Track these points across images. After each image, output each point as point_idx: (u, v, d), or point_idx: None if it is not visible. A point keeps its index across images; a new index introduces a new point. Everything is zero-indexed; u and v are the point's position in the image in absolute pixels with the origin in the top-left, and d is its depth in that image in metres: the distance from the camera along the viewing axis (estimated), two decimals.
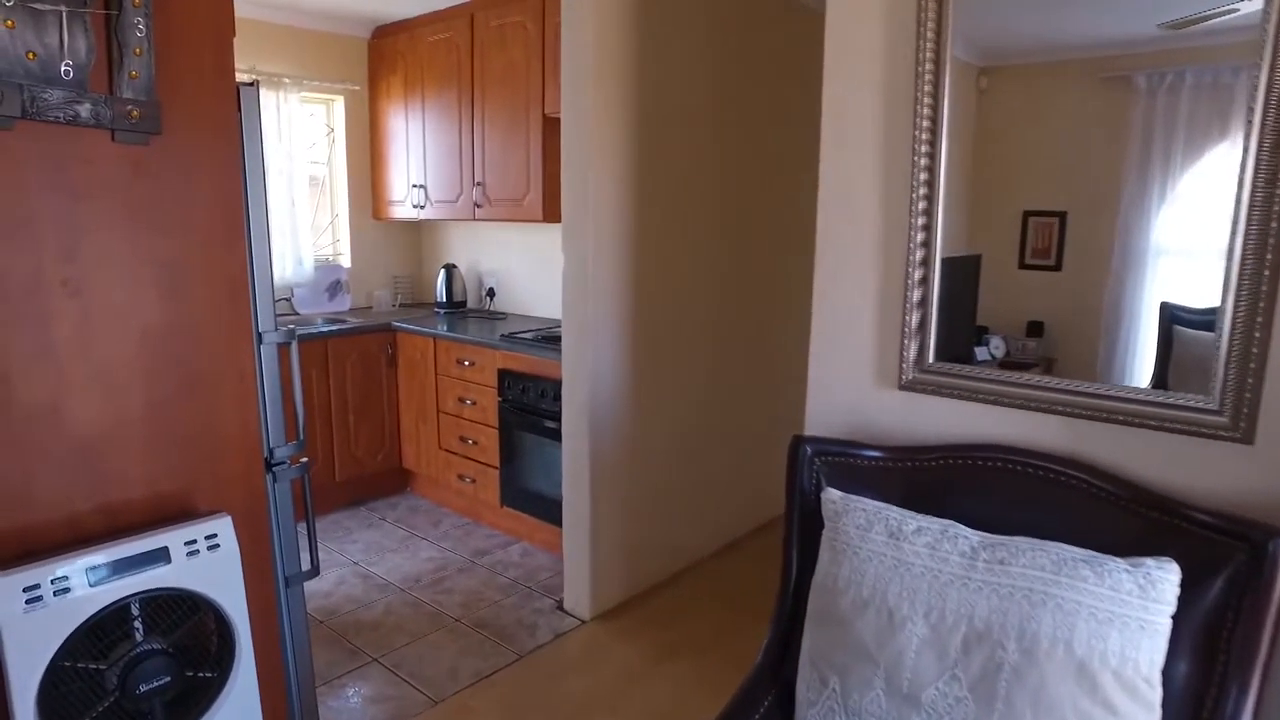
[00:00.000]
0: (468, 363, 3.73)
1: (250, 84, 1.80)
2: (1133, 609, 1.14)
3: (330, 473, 3.91)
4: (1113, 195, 1.48)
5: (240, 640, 1.69)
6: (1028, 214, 1.56)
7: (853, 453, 1.63)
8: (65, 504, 1.56)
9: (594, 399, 2.87)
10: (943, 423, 1.70)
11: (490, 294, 4.51)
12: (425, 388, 3.99)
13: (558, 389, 3.18)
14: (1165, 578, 1.16)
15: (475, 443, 3.78)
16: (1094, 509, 1.36)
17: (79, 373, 1.55)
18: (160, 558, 1.57)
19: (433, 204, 4.23)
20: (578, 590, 3.00)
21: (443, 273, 4.51)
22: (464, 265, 4.67)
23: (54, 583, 1.44)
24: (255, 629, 1.80)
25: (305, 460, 2.01)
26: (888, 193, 1.75)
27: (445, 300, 4.49)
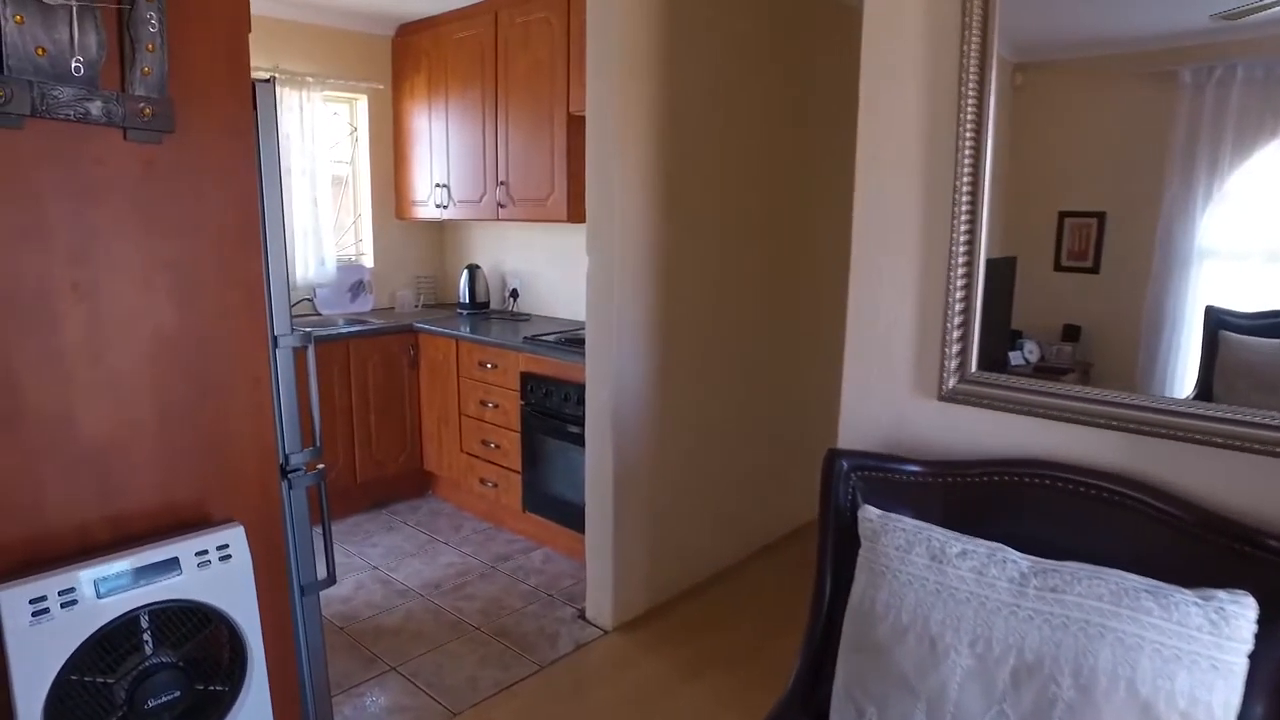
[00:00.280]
0: (490, 365, 3.68)
1: (266, 80, 1.75)
2: (1203, 646, 1.05)
3: (351, 475, 3.88)
4: (1154, 195, 1.41)
5: (252, 653, 1.64)
6: (1064, 215, 1.50)
7: (890, 467, 1.55)
8: (74, 513, 1.52)
9: (618, 403, 2.80)
10: (986, 436, 1.60)
11: (514, 295, 4.46)
12: (447, 390, 3.95)
13: (581, 392, 3.11)
14: (1240, 613, 1.07)
15: (497, 446, 3.72)
16: (1155, 533, 1.27)
17: (89, 378, 1.51)
18: (170, 568, 1.53)
19: (456, 204, 4.18)
20: (600, 599, 2.93)
21: (466, 273, 4.47)
22: (487, 266, 4.62)
23: (61, 594, 1.40)
24: (269, 640, 1.75)
25: (321, 467, 1.96)
26: (929, 192, 1.66)
27: (468, 301, 4.45)
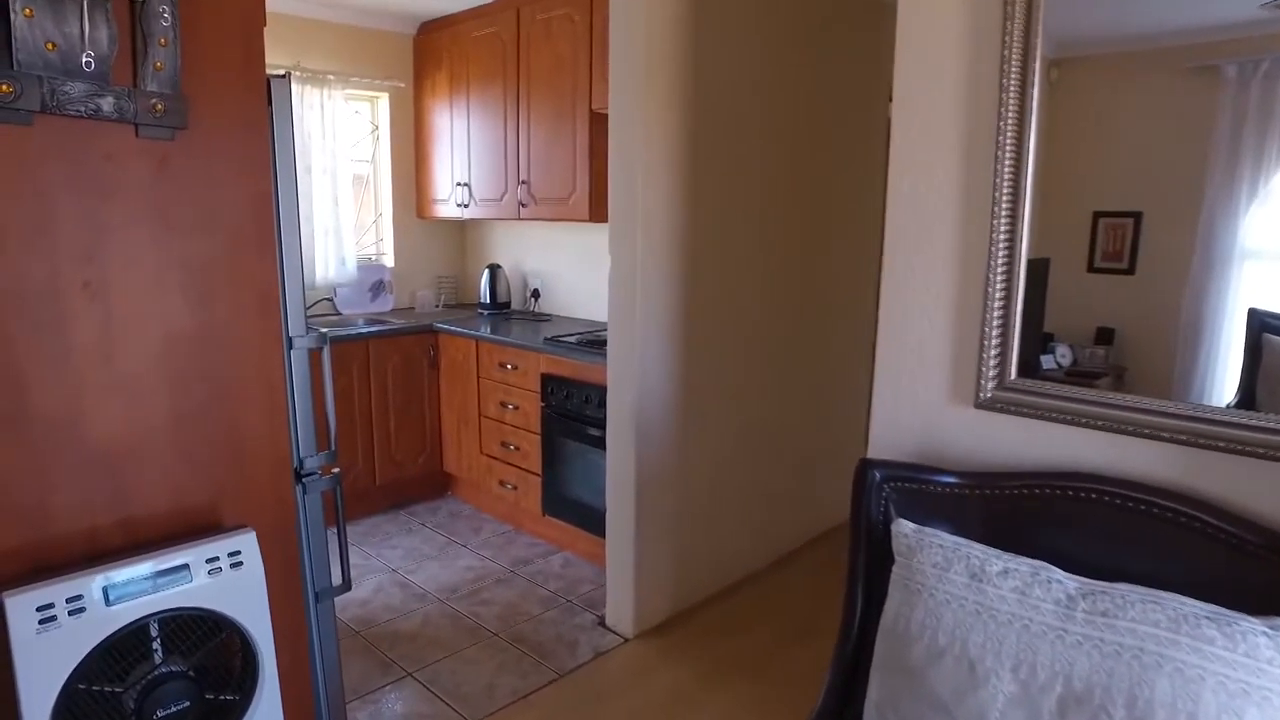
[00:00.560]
0: (510, 366, 3.64)
1: (281, 76, 1.71)
2: (1274, 680, 0.97)
3: (370, 476, 3.85)
4: (1194, 194, 1.36)
5: (264, 662, 1.60)
6: (1098, 214, 1.45)
7: (925, 478, 1.47)
8: (85, 517, 1.49)
9: (640, 406, 2.74)
10: (1027, 446, 1.53)
11: (535, 295, 4.41)
12: (467, 390, 3.91)
13: (602, 395, 3.06)
14: None
15: (517, 448, 3.68)
16: (1213, 554, 1.19)
17: (100, 380, 1.48)
18: (181, 575, 1.49)
19: (477, 202, 4.15)
20: (621, 606, 2.88)
21: (486, 273, 4.43)
22: (508, 265, 4.58)
23: (69, 602, 1.37)
24: (283, 647, 1.72)
25: (337, 470, 1.92)
26: (966, 192, 1.59)
27: (489, 301, 4.41)
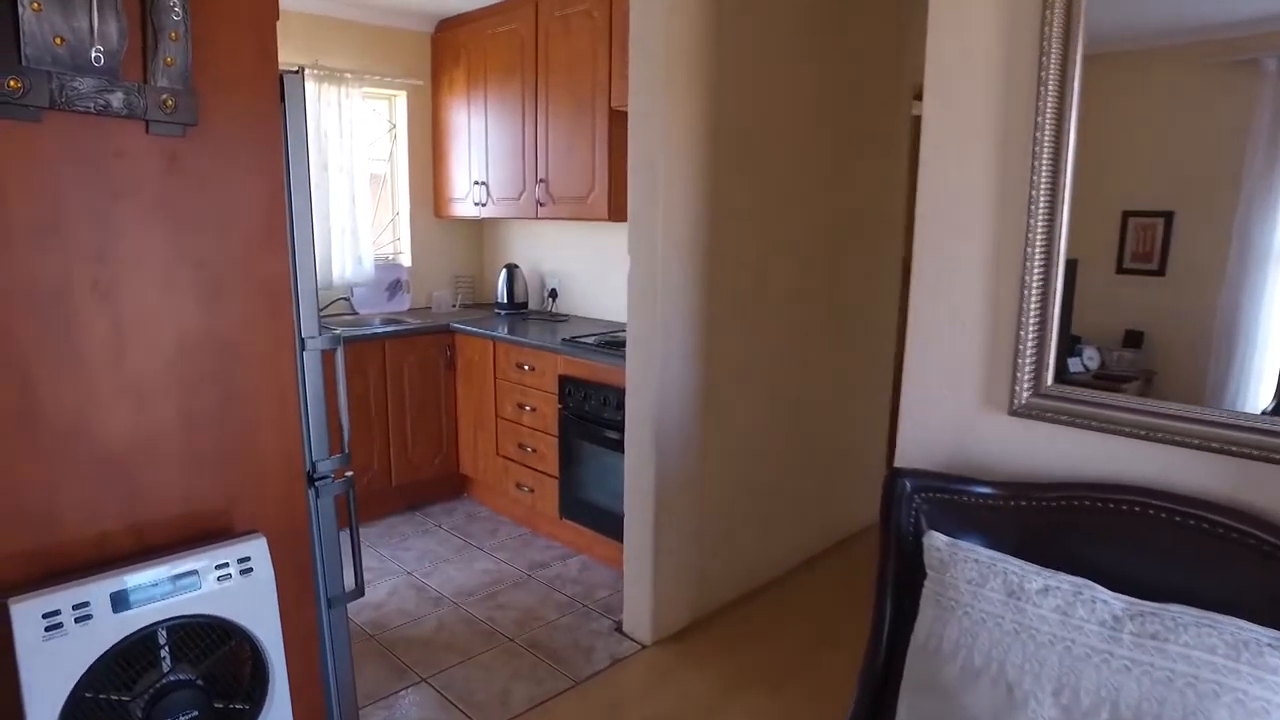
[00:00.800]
0: (527, 367, 3.60)
1: (295, 72, 1.68)
2: None
3: (386, 477, 3.83)
4: (1230, 192, 1.31)
5: (274, 670, 1.57)
6: (1128, 214, 1.42)
7: (958, 488, 1.41)
8: (93, 522, 1.46)
9: (660, 408, 2.69)
10: (1064, 456, 1.46)
11: (553, 295, 4.37)
12: (484, 392, 3.88)
13: (621, 397, 3.01)
14: None
15: (534, 450, 3.64)
16: (1272, 575, 1.12)
17: (109, 381, 1.45)
18: (190, 582, 1.46)
19: (494, 201, 4.11)
20: (638, 612, 2.83)
21: (504, 272, 4.39)
22: (526, 265, 4.55)
23: (75, 609, 1.34)
24: (294, 654, 1.68)
25: (350, 474, 1.89)
26: (1002, 187, 1.53)
27: (506, 301, 4.38)
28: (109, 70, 1.36)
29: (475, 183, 4.21)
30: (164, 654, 1.44)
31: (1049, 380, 1.50)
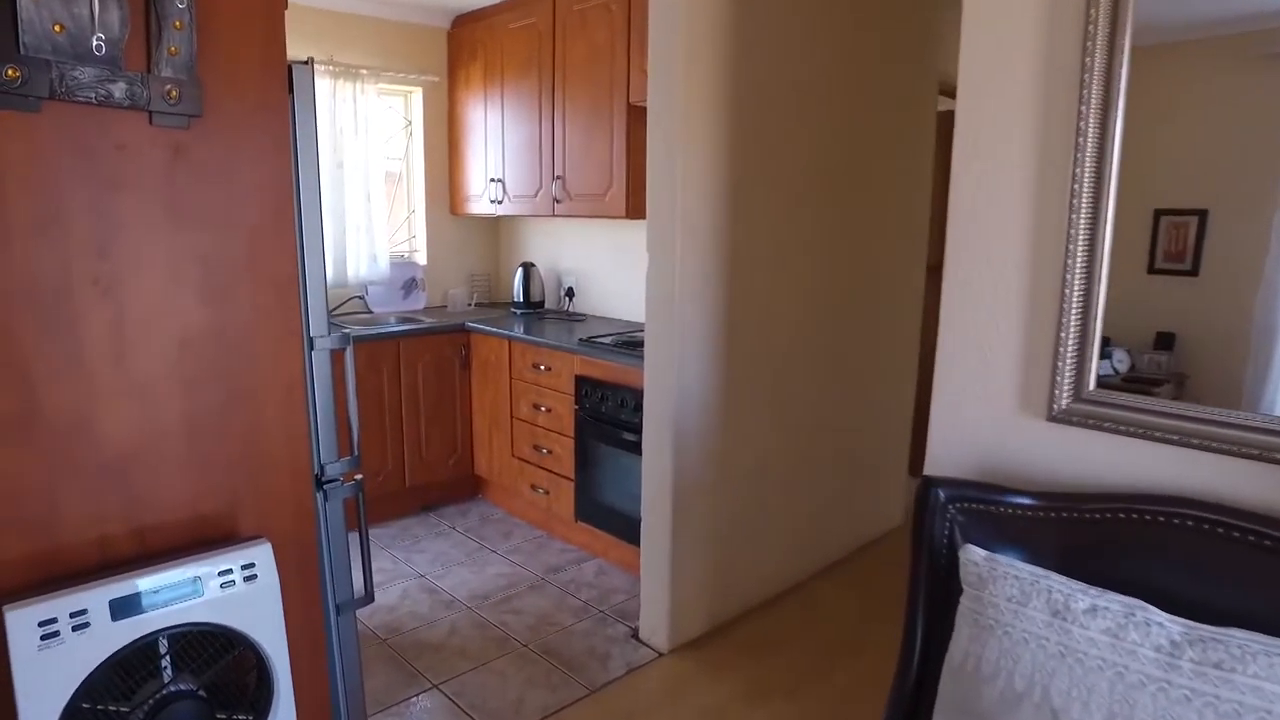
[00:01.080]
0: (543, 367, 3.54)
1: (304, 62, 1.63)
2: None
3: (400, 478, 3.78)
4: (1268, 190, 1.27)
5: (279, 680, 1.52)
6: (1159, 212, 1.37)
7: (995, 499, 1.33)
8: (94, 525, 1.42)
9: (678, 410, 2.62)
10: (1109, 464, 1.38)
11: (569, 294, 4.32)
12: (499, 392, 3.83)
13: (638, 398, 2.94)
14: None
15: (550, 452, 3.58)
16: None
17: (111, 381, 1.40)
18: (191, 589, 1.41)
19: (511, 199, 4.06)
20: (655, 619, 2.76)
21: (520, 271, 4.34)
22: (542, 263, 4.49)
23: (73, 616, 1.30)
24: (301, 662, 1.63)
25: (359, 477, 1.84)
26: (1041, 183, 1.45)
27: (523, 300, 4.33)
28: (110, 59, 1.31)
29: (491, 180, 4.16)
30: (165, 663, 1.39)
31: (1091, 385, 1.42)
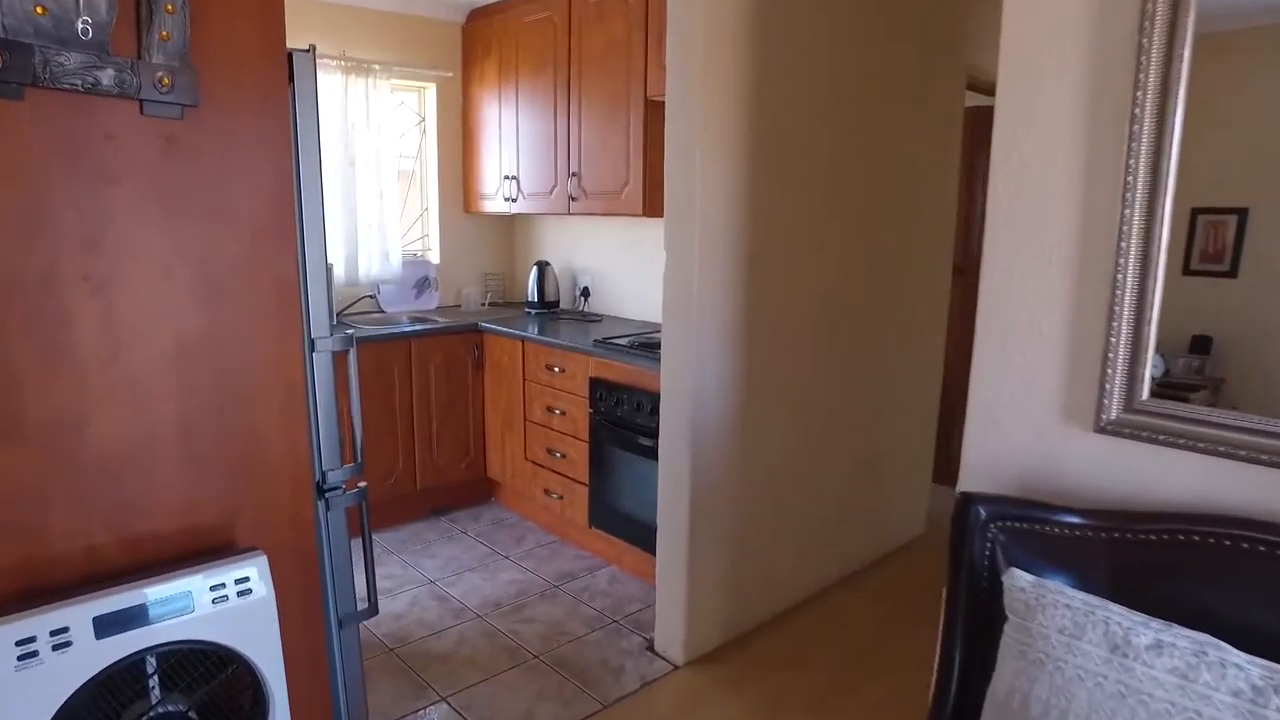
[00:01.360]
0: (558, 369, 3.46)
1: (305, 50, 1.55)
2: None
3: (411, 480, 3.71)
4: None
5: (275, 699, 1.44)
6: (1197, 211, 1.30)
7: (1040, 516, 1.23)
8: (83, 534, 1.35)
9: (695, 414, 2.53)
10: (1166, 481, 1.28)
11: (584, 294, 4.23)
12: (513, 394, 3.75)
13: (654, 402, 2.85)
14: None
15: (563, 456, 3.50)
16: None
17: (101, 383, 1.34)
18: (181, 605, 1.34)
19: (525, 196, 3.98)
20: (671, 630, 2.67)
21: (534, 270, 4.26)
22: (557, 262, 4.41)
23: (54, 635, 1.22)
24: (300, 678, 1.56)
25: (363, 485, 1.76)
26: (1090, 179, 1.35)
27: (537, 300, 4.25)
28: (97, 44, 1.24)
29: (505, 177, 4.08)
30: (153, 683, 1.32)
31: (1144, 394, 1.32)
